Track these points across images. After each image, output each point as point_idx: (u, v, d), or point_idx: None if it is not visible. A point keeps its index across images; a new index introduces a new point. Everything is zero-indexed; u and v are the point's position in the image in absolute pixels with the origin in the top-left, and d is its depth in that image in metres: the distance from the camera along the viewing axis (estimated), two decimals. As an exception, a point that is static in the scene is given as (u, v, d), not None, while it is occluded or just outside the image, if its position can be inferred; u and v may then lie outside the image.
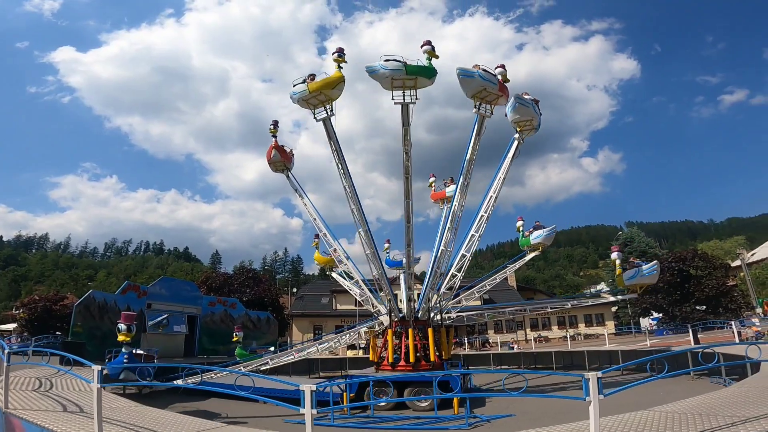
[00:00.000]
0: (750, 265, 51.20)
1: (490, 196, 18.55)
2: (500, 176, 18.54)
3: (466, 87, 16.24)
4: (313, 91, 16.25)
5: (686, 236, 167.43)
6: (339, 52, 16.49)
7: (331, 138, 17.06)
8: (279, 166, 21.35)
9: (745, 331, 25.66)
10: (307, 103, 16.63)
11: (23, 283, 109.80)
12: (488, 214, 18.72)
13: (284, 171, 21.48)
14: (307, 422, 4.29)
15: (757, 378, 8.45)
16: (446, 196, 24.42)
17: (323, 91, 16.30)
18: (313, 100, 16.50)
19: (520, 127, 18.17)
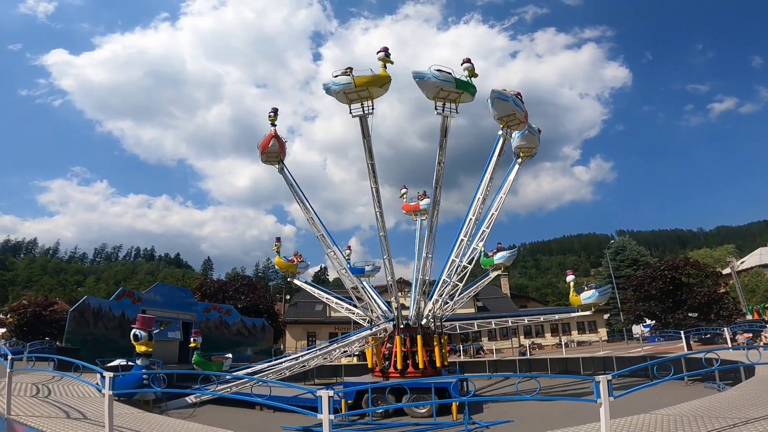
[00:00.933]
0: (739, 272, 51.95)
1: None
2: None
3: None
4: (359, 86, 15.62)
5: (676, 244, 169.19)
6: (385, 51, 16.02)
7: (366, 137, 16.62)
8: (274, 157, 19.95)
9: (736, 337, 25.99)
10: (347, 96, 15.85)
11: (11, 288, 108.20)
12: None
13: (278, 164, 20.09)
14: (325, 428, 4.34)
15: (752, 382, 8.62)
16: (420, 208, 24.77)
17: (369, 87, 15.74)
18: (354, 95, 15.79)
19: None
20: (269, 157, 19.92)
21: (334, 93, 15.80)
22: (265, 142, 19.79)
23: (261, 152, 19.89)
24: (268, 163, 20.12)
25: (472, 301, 54.53)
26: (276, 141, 19.88)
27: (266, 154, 19.81)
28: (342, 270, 20.27)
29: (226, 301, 36.10)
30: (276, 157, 19.95)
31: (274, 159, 19.98)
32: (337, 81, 15.64)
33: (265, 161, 20.09)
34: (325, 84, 16.03)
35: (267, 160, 19.99)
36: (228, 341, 28.51)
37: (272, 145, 19.69)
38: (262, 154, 19.90)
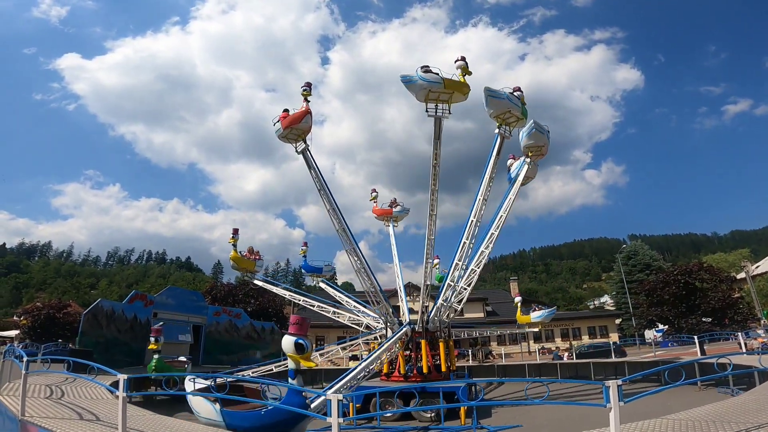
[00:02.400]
0: (754, 277, 51.07)
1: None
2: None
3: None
4: (448, 88, 15.57)
5: (690, 249, 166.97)
6: (463, 60, 16.05)
7: (438, 138, 16.62)
8: (300, 135, 17.87)
9: (750, 342, 25.55)
10: (427, 95, 15.71)
11: (25, 290, 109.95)
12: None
13: (303, 142, 18.00)
14: (334, 428, 4.37)
15: (766, 387, 8.49)
16: (392, 215, 25.39)
17: (455, 90, 15.67)
18: (434, 94, 15.70)
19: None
20: (296, 134, 17.76)
21: (418, 87, 15.57)
22: (298, 116, 17.62)
23: (288, 125, 17.60)
24: (288, 139, 17.99)
25: (482, 306, 54.30)
26: (310, 117, 17.96)
27: (296, 129, 17.64)
28: (361, 269, 19.47)
29: (236, 304, 36.35)
30: (303, 134, 17.94)
31: (299, 136, 17.94)
32: (426, 77, 15.42)
33: (285, 137, 17.85)
34: (407, 76, 15.71)
35: (291, 136, 17.82)
36: (238, 344, 28.70)
37: (305, 122, 17.70)
38: (288, 128, 17.62)
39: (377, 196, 26.59)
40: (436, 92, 15.76)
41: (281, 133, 17.76)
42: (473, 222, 17.96)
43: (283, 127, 17.58)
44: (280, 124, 17.65)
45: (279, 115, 17.88)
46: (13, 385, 9.58)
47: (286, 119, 17.60)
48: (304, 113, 17.70)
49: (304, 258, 27.16)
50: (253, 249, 25.18)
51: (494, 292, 67.88)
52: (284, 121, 17.56)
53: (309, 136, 17.91)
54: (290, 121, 17.60)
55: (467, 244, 17.99)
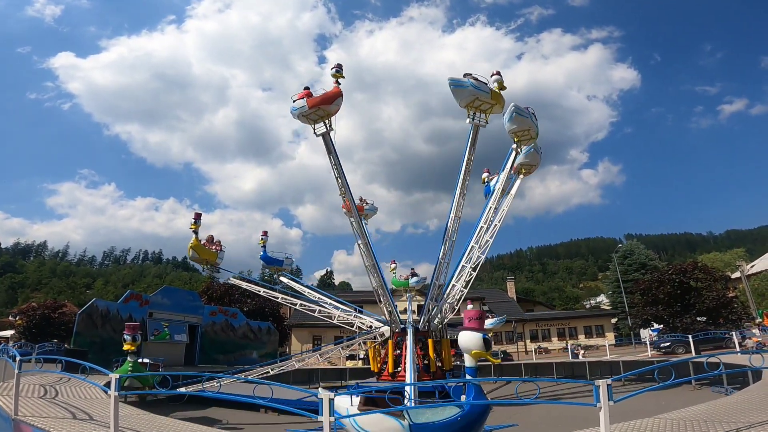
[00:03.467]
0: (749, 276, 51.39)
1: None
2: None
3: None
4: (312, 107, 16.11)
5: (685, 248, 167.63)
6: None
7: (473, 145, 17.14)
8: (327, 116, 16.81)
9: (745, 341, 25.71)
10: (471, 102, 16.02)
11: (20, 290, 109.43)
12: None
13: (328, 126, 16.95)
14: (326, 430, 4.37)
15: (759, 386, 8.54)
16: (364, 212, 24.58)
17: (497, 102, 16.30)
18: (478, 102, 16.11)
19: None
20: (320, 115, 16.69)
21: (467, 93, 16.03)
22: (330, 96, 16.55)
23: (317, 104, 16.42)
24: (308, 119, 16.76)
25: (478, 306, 54.39)
26: (341, 100, 16.98)
27: (323, 109, 16.56)
28: (370, 265, 19.19)
29: (233, 304, 36.32)
30: (327, 116, 16.93)
31: (322, 118, 16.85)
32: (294, 105, 16.03)
33: (306, 116, 16.66)
34: (457, 80, 16.14)
35: (313, 116, 16.66)
36: (234, 344, 28.65)
37: (336, 104, 16.74)
38: (316, 107, 16.43)
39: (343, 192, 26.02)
40: (480, 101, 16.24)
41: (304, 111, 16.47)
42: (483, 228, 18.37)
43: (310, 105, 16.40)
44: (303, 102, 16.48)
45: (300, 92, 16.87)
46: (6, 384, 9.54)
47: (315, 98, 16.53)
48: (336, 94, 16.73)
49: (263, 248, 25.26)
50: (213, 238, 22.83)
51: (491, 292, 68.04)
52: (313, 99, 16.44)
53: (333, 119, 17.08)
54: (321, 100, 16.47)
55: (476, 248, 18.35)
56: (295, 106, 16.69)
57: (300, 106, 16.60)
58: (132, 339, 15.35)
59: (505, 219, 19.02)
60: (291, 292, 24.83)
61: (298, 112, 16.59)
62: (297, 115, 16.71)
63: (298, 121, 17.09)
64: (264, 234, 25.96)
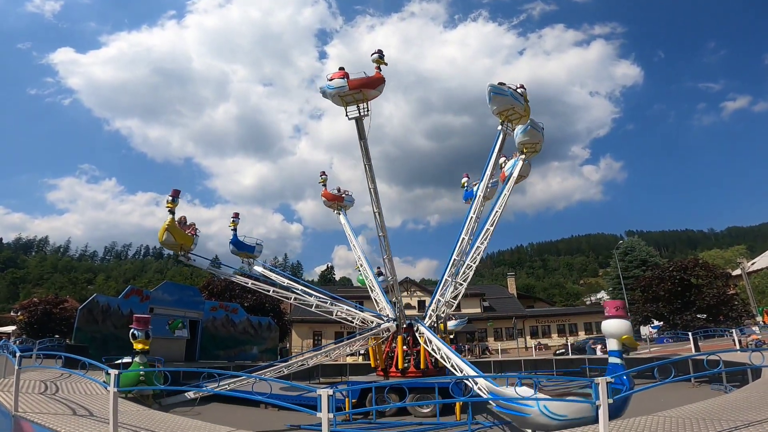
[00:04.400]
0: (750, 274, 51.26)
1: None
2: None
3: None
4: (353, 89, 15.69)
5: (686, 245, 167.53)
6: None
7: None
8: (362, 100, 15.96)
9: (745, 339, 25.69)
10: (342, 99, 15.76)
11: (21, 286, 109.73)
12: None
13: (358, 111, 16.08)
14: (324, 426, 4.37)
15: (758, 384, 8.54)
16: (344, 203, 24.54)
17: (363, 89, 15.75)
18: (349, 97, 15.88)
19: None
20: (358, 98, 16.08)
21: (506, 101, 15.96)
22: (375, 81, 15.89)
23: (359, 87, 15.71)
24: (343, 101, 16.05)
25: (479, 301, 54.46)
26: (383, 86, 16.30)
27: (364, 92, 15.95)
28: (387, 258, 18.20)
29: (233, 299, 36.33)
30: (364, 100, 16.18)
31: (359, 101, 16.13)
32: (332, 84, 15.32)
33: (341, 97, 15.92)
34: (498, 88, 16.06)
35: (348, 98, 15.94)
36: (234, 340, 28.72)
37: (378, 89, 16.26)
38: (358, 88, 15.73)
39: (327, 179, 24.99)
40: (514, 111, 16.31)
41: (342, 92, 15.62)
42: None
43: (351, 86, 15.51)
44: (343, 82, 15.57)
45: (335, 72, 16.08)
46: (6, 380, 9.57)
47: (357, 79, 15.66)
48: (380, 80, 16.05)
49: (234, 232, 22.97)
50: (186, 219, 20.07)
51: (491, 288, 68.08)
52: (354, 80, 15.55)
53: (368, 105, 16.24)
54: (364, 83, 15.66)
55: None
56: (331, 85, 15.71)
57: (339, 85, 15.63)
58: (144, 335, 12.93)
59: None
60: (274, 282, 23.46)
61: (335, 91, 15.64)
62: (333, 94, 15.80)
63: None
64: (235, 215, 23.47)
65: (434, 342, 16.04)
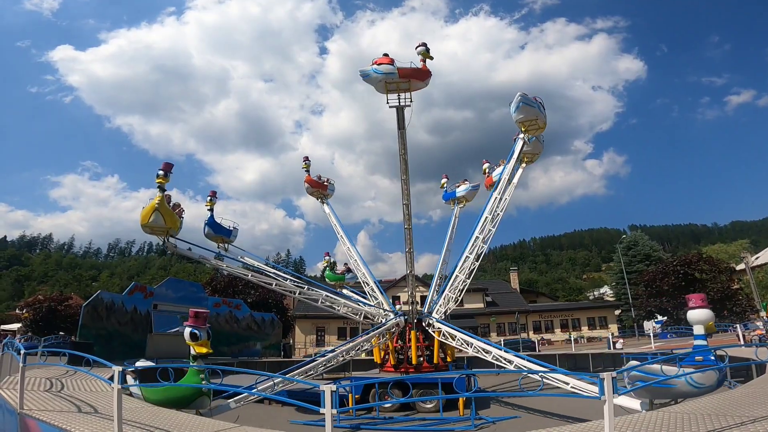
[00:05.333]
0: (754, 268, 51.07)
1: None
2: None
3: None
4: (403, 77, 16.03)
5: (690, 240, 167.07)
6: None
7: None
8: (407, 90, 16.27)
9: (748, 334, 25.63)
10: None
11: (26, 283, 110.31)
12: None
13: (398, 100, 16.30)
14: (327, 422, 4.37)
15: (763, 379, 8.50)
16: (327, 191, 24.26)
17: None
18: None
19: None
20: (403, 87, 16.02)
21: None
22: (424, 74, 15.99)
23: (408, 76, 15.78)
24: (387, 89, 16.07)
25: (481, 297, 54.45)
26: (429, 80, 16.38)
27: (413, 82, 16.00)
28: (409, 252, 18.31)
29: (236, 295, 36.44)
30: (408, 90, 16.31)
31: (403, 90, 16.17)
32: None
33: (391, 83, 15.91)
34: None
35: (392, 86, 15.90)
36: (238, 336, 28.82)
37: (426, 81, 16.31)
38: (406, 79, 15.79)
39: (310, 165, 24.57)
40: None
41: (390, 78, 15.52)
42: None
43: (401, 74, 15.53)
44: (393, 69, 15.54)
45: (380, 57, 15.97)
46: (12, 378, 9.61)
47: (407, 68, 15.75)
48: (429, 72, 16.12)
49: (210, 212, 20.59)
50: (170, 198, 17.19)
51: (494, 283, 68.08)
52: (405, 69, 15.64)
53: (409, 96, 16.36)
54: (414, 72, 15.67)
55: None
56: (379, 70, 15.57)
57: (388, 71, 15.54)
58: (206, 335, 9.81)
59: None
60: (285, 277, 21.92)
61: (384, 77, 15.54)
62: (380, 79, 15.66)
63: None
64: (212, 194, 20.77)
65: (451, 332, 16.17)
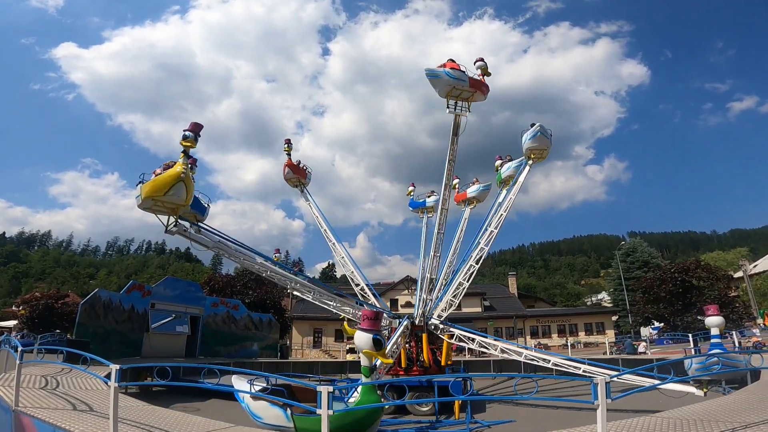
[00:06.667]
0: (752, 276, 51.21)
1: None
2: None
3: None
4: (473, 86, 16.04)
5: (689, 247, 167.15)
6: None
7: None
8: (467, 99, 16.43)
9: (745, 341, 25.67)
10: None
11: (24, 280, 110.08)
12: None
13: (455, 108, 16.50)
14: (324, 422, 4.40)
15: (757, 386, 8.54)
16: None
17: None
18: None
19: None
20: (467, 96, 16.19)
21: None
22: (486, 87, 16.40)
23: (476, 86, 15.91)
24: (450, 94, 16.15)
25: (479, 301, 54.41)
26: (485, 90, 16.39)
27: (478, 93, 16.21)
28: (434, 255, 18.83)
29: (234, 296, 36.43)
30: (467, 100, 16.41)
31: (464, 99, 16.31)
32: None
33: (455, 87, 15.93)
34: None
35: (457, 91, 16.02)
36: (235, 336, 28.76)
37: (486, 95, 16.56)
38: (475, 88, 15.98)
39: (291, 148, 24.28)
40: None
41: (459, 84, 15.54)
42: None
43: (471, 83, 15.69)
44: (464, 76, 15.64)
45: (449, 62, 16.03)
46: (8, 375, 9.61)
47: (476, 79, 15.90)
48: (489, 88, 16.44)
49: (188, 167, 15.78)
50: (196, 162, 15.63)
51: (492, 287, 68.04)
52: (474, 79, 15.83)
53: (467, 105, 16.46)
54: (481, 85, 16.03)
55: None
56: (452, 74, 15.49)
57: (460, 77, 15.54)
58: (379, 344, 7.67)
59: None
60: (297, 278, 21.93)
61: (454, 82, 15.51)
62: (449, 83, 15.55)
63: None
64: (192, 162, 16.48)
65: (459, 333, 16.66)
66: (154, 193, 13.02)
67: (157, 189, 12.98)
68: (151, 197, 13.13)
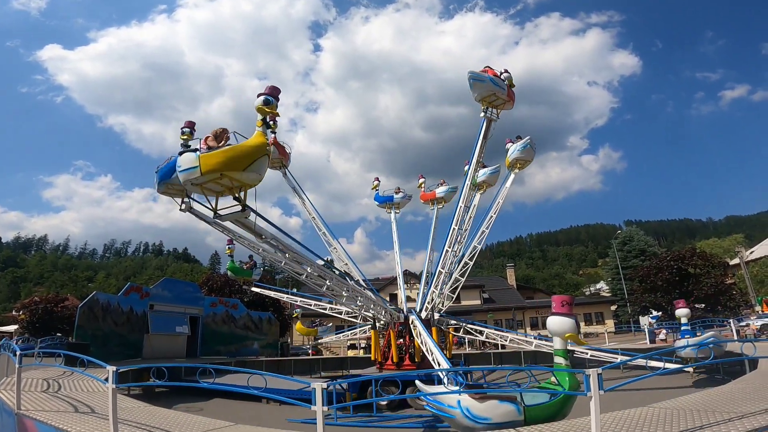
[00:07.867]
0: (748, 263, 51.41)
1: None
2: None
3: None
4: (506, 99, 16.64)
5: (685, 234, 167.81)
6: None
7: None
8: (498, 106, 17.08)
9: (743, 329, 25.83)
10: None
11: (22, 285, 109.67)
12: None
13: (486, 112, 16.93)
14: (318, 420, 4.43)
15: (754, 375, 8.61)
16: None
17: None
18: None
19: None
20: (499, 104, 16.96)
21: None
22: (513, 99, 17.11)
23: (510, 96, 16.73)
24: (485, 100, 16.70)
25: (478, 293, 54.59)
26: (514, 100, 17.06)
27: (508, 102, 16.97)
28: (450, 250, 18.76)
29: (233, 295, 36.38)
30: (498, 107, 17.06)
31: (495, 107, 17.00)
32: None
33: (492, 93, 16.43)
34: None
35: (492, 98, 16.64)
36: (235, 335, 28.83)
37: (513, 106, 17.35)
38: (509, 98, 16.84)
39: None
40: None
41: (497, 91, 16.19)
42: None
43: (508, 94, 16.47)
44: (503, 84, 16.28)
45: (488, 67, 16.59)
46: (9, 379, 9.63)
47: (510, 91, 16.58)
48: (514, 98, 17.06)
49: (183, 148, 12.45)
50: None
51: (491, 279, 68.23)
52: (510, 91, 16.59)
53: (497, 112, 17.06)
54: (513, 96, 16.82)
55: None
56: (495, 81, 16.13)
57: (501, 85, 16.21)
58: None
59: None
60: None
61: (495, 89, 16.08)
62: (491, 89, 16.06)
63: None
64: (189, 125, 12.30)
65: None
66: (229, 167, 9.24)
67: (234, 161, 9.27)
68: (221, 171, 9.29)
